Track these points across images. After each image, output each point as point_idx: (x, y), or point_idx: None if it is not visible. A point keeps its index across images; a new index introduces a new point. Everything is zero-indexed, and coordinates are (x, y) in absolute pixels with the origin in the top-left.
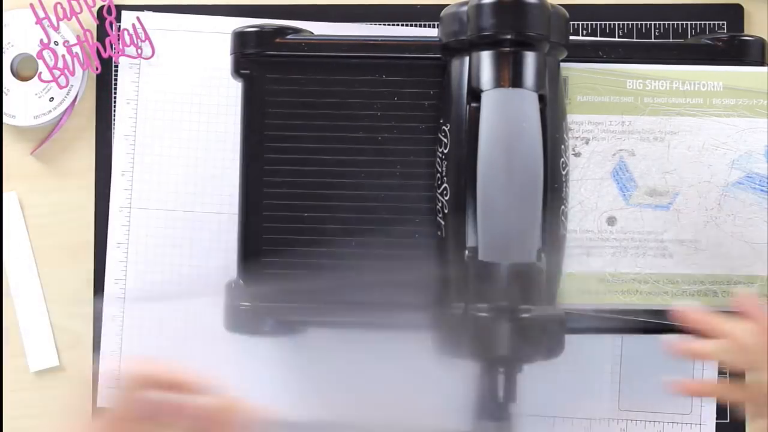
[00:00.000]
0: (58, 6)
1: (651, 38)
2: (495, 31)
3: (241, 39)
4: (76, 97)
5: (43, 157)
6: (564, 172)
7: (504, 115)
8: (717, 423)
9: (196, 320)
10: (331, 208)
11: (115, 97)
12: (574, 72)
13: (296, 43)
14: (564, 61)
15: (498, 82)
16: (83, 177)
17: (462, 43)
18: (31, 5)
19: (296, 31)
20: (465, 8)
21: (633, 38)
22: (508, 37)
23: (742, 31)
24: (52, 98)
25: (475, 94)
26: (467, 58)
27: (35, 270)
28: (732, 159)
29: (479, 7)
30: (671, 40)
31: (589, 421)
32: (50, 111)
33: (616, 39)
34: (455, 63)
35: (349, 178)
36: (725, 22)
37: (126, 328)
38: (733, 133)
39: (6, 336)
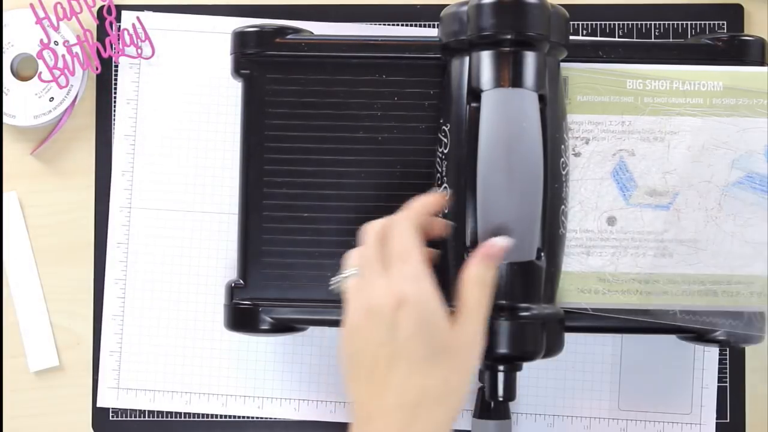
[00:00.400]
0: (58, 6)
1: (651, 38)
2: (495, 31)
3: (241, 39)
4: (76, 97)
5: (43, 157)
6: (564, 172)
7: (504, 115)
8: (717, 423)
9: (196, 320)
10: (331, 208)
11: (115, 97)
12: (574, 72)
13: (296, 43)
14: (564, 61)
15: (498, 82)
16: (83, 177)
17: (462, 43)
18: (31, 5)
19: (296, 31)
20: (465, 8)
21: (633, 38)
22: (508, 37)
23: (742, 31)
24: (52, 98)
25: (475, 94)
26: (467, 58)
27: (35, 270)
28: (732, 159)
29: (479, 7)
30: (671, 40)
31: (589, 420)
32: (50, 111)
33: (616, 39)
34: (455, 63)
35: (349, 178)
36: (725, 22)
37: (126, 327)
38: (733, 133)
39: (6, 336)
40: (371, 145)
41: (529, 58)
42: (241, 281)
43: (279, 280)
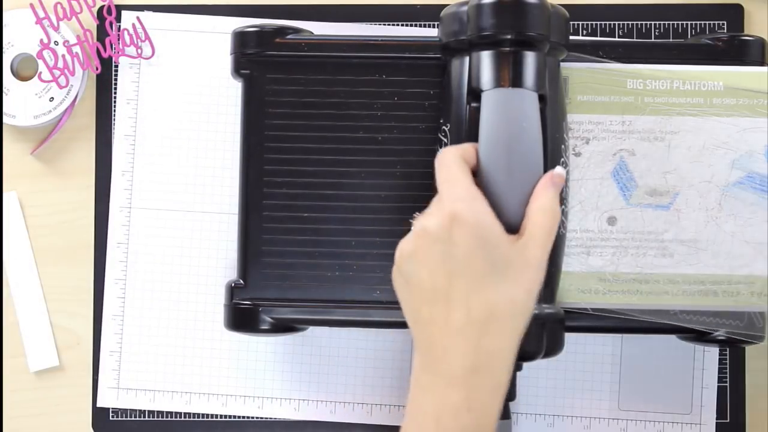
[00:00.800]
0: (58, 6)
1: (651, 38)
2: (495, 31)
3: (241, 39)
4: (76, 97)
5: (43, 157)
6: (566, 169)
7: (504, 115)
8: (717, 423)
9: (196, 320)
10: (331, 208)
11: (115, 97)
12: (574, 72)
13: (296, 43)
14: (564, 61)
15: (498, 82)
16: (83, 177)
17: (462, 43)
18: (31, 5)
19: (296, 31)
20: (465, 8)
21: (633, 38)
22: (508, 37)
23: (742, 31)
24: (52, 98)
25: (475, 94)
26: (467, 58)
27: (35, 270)
28: (732, 159)
29: (479, 7)
30: (671, 40)
31: (589, 420)
32: (50, 111)
33: (616, 39)
34: (455, 63)
35: (349, 178)
36: (725, 22)
37: (126, 327)
38: (733, 133)
39: (6, 336)
40: (371, 145)
41: (529, 58)
42: (241, 281)
43: (279, 280)
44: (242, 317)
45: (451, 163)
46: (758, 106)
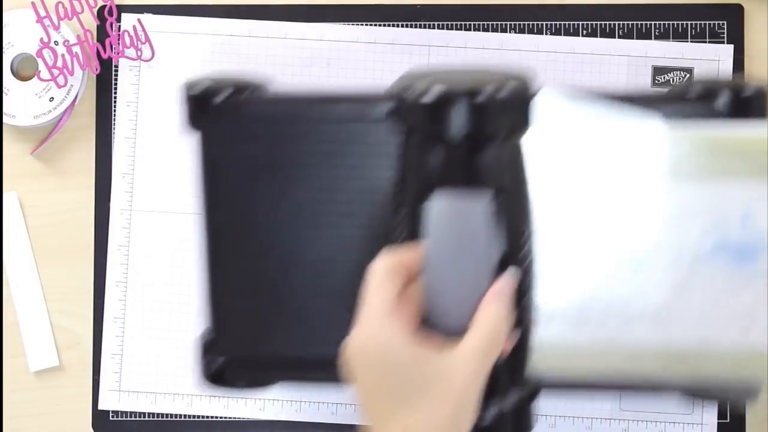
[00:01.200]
0: (60, 5)
1: (651, 38)
2: (443, 129)
3: (193, 94)
4: (76, 97)
5: (43, 157)
6: (527, 261)
7: (453, 221)
8: (718, 423)
9: (197, 322)
10: (294, 266)
11: (115, 98)
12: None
13: (253, 100)
14: None
15: (448, 181)
16: (83, 177)
17: (411, 128)
18: (33, 3)
19: (254, 87)
20: (412, 91)
21: (633, 38)
22: (462, 133)
23: (742, 32)
24: (52, 98)
25: (427, 186)
26: (419, 145)
27: (35, 270)
28: (705, 226)
29: (419, 102)
30: (654, 92)
31: (591, 420)
32: (50, 111)
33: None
34: (410, 141)
35: (310, 236)
36: (725, 23)
37: (127, 330)
38: (707, 199)
39: (6, 336)
40: (332, 203)
41: (484, 154)
42: (213, 334)
43: (248, 336)
44: (216, 375)
45: (371, 279)
46: (734, 171)
